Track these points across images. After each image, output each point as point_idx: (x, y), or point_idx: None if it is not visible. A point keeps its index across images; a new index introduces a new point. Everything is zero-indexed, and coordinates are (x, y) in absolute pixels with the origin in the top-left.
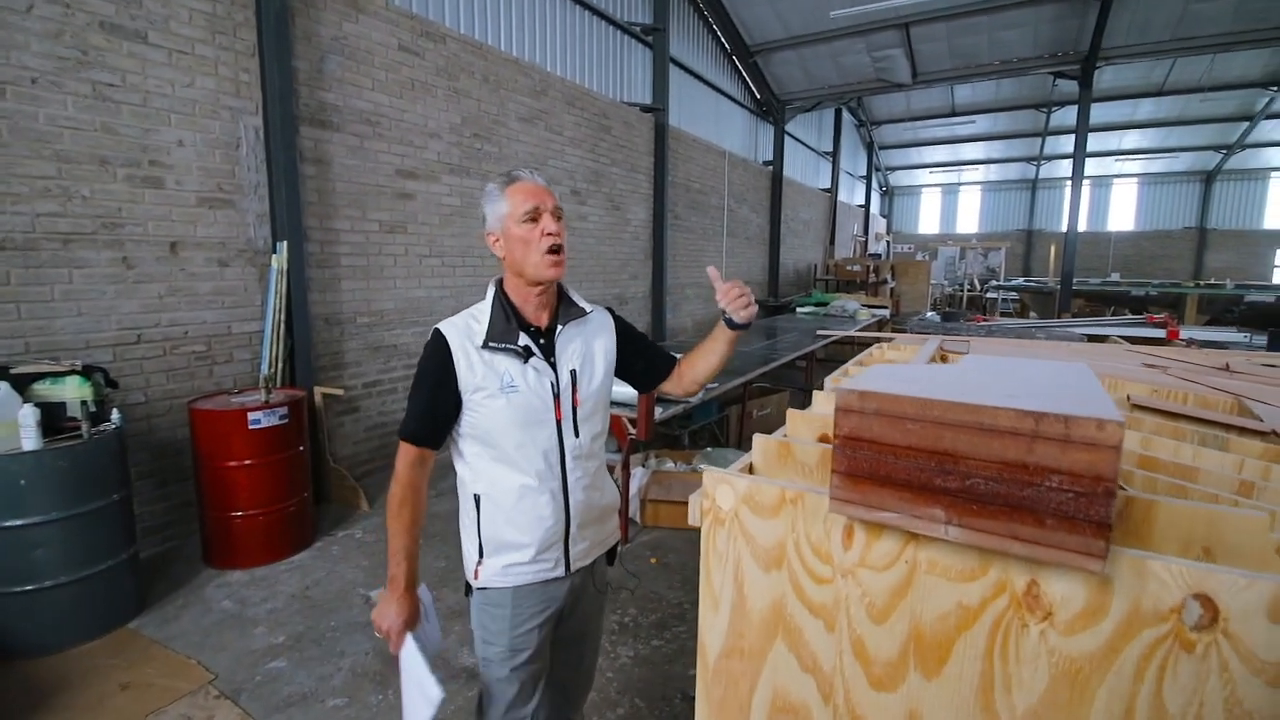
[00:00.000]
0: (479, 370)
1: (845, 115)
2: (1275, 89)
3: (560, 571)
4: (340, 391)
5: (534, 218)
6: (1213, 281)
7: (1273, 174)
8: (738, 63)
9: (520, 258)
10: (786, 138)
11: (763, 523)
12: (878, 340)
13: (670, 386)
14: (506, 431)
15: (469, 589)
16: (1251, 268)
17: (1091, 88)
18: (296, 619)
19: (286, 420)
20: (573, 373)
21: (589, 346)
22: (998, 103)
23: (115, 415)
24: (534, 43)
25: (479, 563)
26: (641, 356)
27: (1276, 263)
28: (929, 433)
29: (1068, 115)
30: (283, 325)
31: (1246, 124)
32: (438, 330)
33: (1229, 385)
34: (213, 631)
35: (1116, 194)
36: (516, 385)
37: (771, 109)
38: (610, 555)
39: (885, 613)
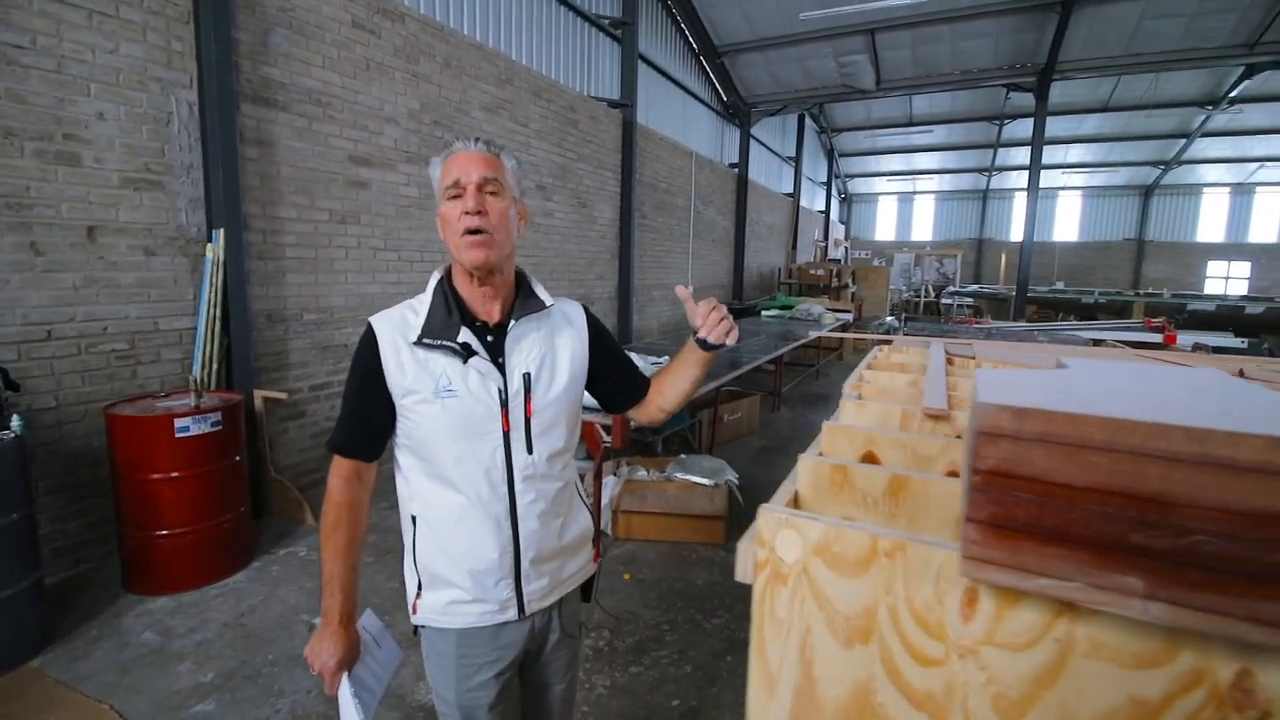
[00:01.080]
0: (410, 371)
1: (807, 122)
2: (1210, 108)
3: (512, 614)
4: (284, 395)
5: (457, 194)
6: (1150, 291)
7: (1205, 189)
8: (705, 63)
9: (447, 240)
10: (752, 141)
11: (845, 582)
12: (833, 340)
13: (636, 413)
14: (441, 443)
15: (416, 629)
16: (1185, 278)
17: (1047, 100)
18: (229, 652)
19: (220, 427)
20: (526, 376)
21: (549, 345)
22: (953, 114)
23: (15, 422)
24: (499, 28)
25: (417, 595)
26: (613, 371)
27: (1208, 274)
28: (1125, 468)
29: (1018, 128)
30: (218, 322)
31: (1183, 141)
32: (369, 324)
33: None
34: (130, 669)
35: (1061, 205)
36: (454, 389)
37: (738, 111)
38: (585, 590)
39: (1022, 707)
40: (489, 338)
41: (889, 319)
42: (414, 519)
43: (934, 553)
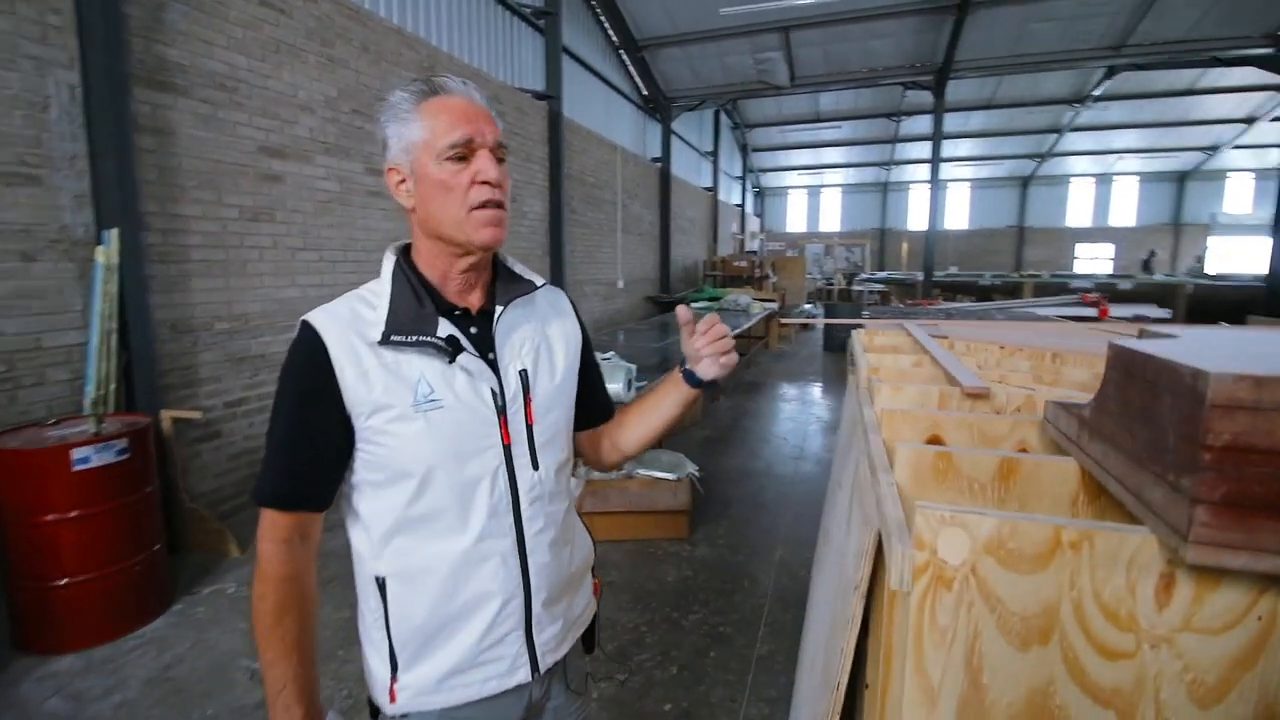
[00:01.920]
0: (377, 380)
1: (723, 117)
2: (1078, 105)
3: (523, 675)
4: (197, 414)
5: (464, 155)
6: (1032, 272)
7: (1073, 179)
8: (626, 57)
9: (438, 211)
10: (673, 136)
11: (1021, 580)
12: (759, 329)
13: (584, 444)
14: (427, 470)
15: (375, 713)
16: (1059, 260)
17: (945, 97)
18: (158, 713)
19: (127, 455)
20: (523, 374)
21: (542, 335)
22: (856, 111)
23: None
24: (419, 14)
25: (393, 678)
26: (587, 377)
27: (1078, 255)
28: None
29: (914, 124)
30: (114, 335)
31: (1055, 135)
32: (306, 323)
33: None
34: None
35: (952, 196)
36: (439, 398)
37: (659, 106)
38: (587, 639)
39: (1220, 692)
40: (472, 329)
41: (807, 306)
42: (381, 582)
43: (1125, 539)
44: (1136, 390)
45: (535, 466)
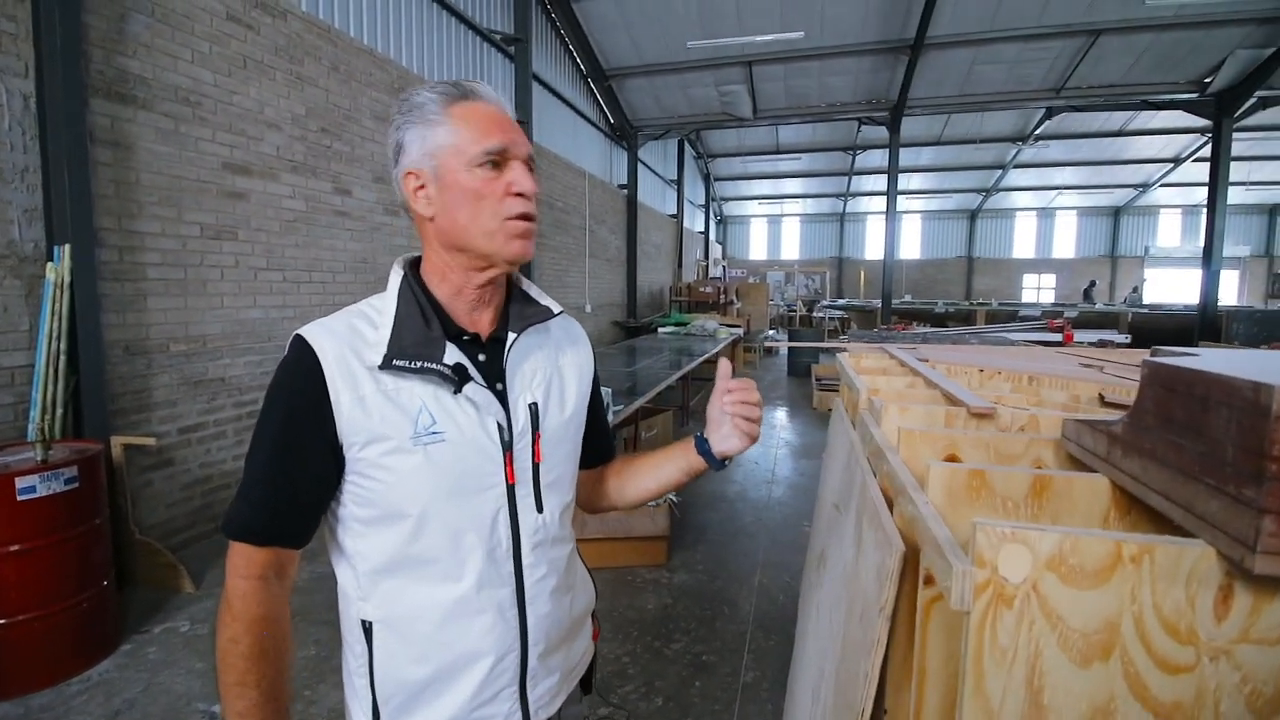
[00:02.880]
0: (375, 408)
1: (687, 147)
2: (1020, 143)
3: None
4: (151, 440)
5: (499, 163)
6: (981, 300)
7: (1018, 213)
8: (593, 86)
9: (466, 221)
10: (639, 164)
11: (1082, 596)
12: (725, 352)
13: (580, 488)
14: (423, 509)
15: None
16: (1006, 289)
17: (900, 133)
18: None
19: (77, 485)
20: (532, 407)
21: (554, 366)
22: (814, 143)
23: None
24: (389, 36)
25: None
26: (593, 416)
27: (1024, 284)
28: None
29: (868, 158)
30: (63, 357)
31: (1000, 171)
32: (300, 339)
33: None
34: None
35: (905, 227)
36: (441, 431)
37: (625, 134)
38: (585, 682)
39: (1278, 703)
40: (480, 356)
41: (771, 332)
42: (367, 626)
43: (1185, 552)
44: (1181, 405)
45: (540, 509)
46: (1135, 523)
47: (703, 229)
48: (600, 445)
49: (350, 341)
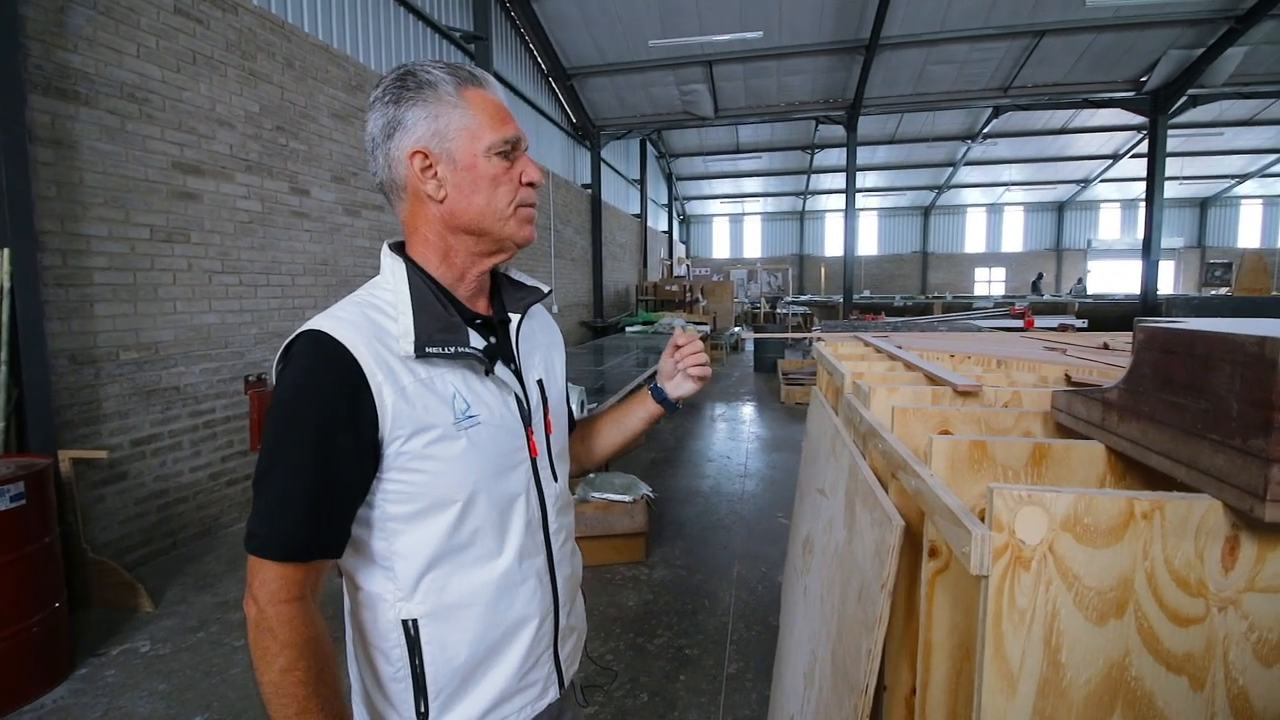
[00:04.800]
0: (416, 398)
1: (649, 147)
2: (970, 141)
3: (554, 694)
4: (101, 454)
5: (509, 152)
6: (937, 294)
7: (968, 209)
8: (555, 85)
9: (483, 204)
10: (602, 163)
11: (1097, 554)
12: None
13: None
14: (470, 494)
15: None
16: (959, 282)
17: (856, 131)
18: None
19: (23, 502)
20: (540, 384)
21: (546, 346)
22: (773, 143)
23: None
24: (346, 32)
25: None
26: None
27: (976, 278)
28: None
29: (826, 157)
30: (3, 368)
31: (951, 169)
32: (322, 335)
33: (1116, 360)
34: None
35: (862, 224)
36: (476, 414)
37: (587, 133)
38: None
39: None
40: (491, 339)
41: (736, 329)
42: (410, 626)
43: (1194, 506)
44: (1181, 367)
45: (555, 478)
46: (1131, 485)
47: (666, 228)
48: (570, 416)
49: (375, 333)
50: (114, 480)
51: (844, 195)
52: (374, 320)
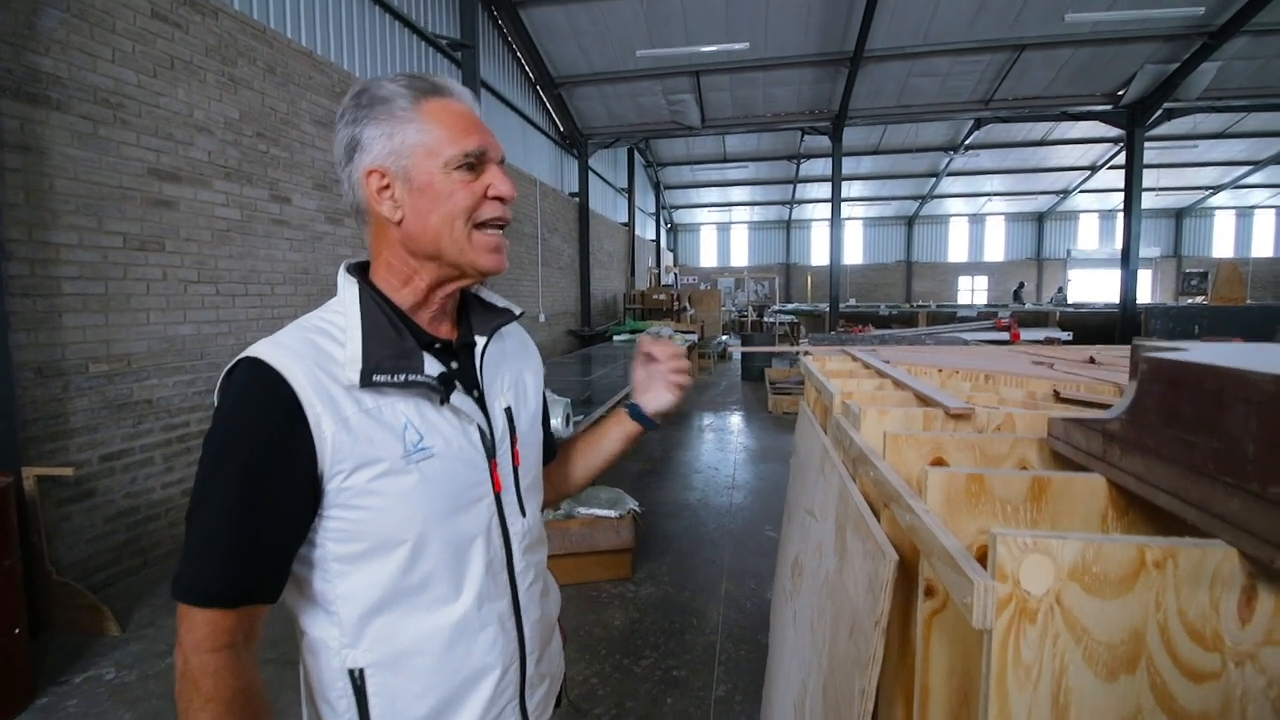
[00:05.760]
0: (360, 430)
1: (637, 156)
2: (953, 152)
3: None
4: (68, 471)
5: (474, 165)
6: (921, 303)
7: (951, 219)
8: (542, 93)
9: (439, 225)
10: (590, 172)
11: (1107, 605)
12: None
13: None
14: (421, 533)
15: None
16: (943, 291)
17: (842, 142)
18: None
19: None
20: (508, 411)
21: (517, 367)
22: (760, 153)
23: None
24: (330, 38)
25: None
26: (543, 421)
27: (959, 287)
28: None
29: (812, 167)
30: None
31: (934, 179)
32: (258, 363)
33: (1104, 375)
34: None
35: (847, 233)
36: (430, 446)
37: (575, 142)
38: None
39: None
40: (453, 364)
41: (724, 337)
42: (357, 675)
43: (1208, 554)
44: (1190, 402)
45: (524, 512)
46: (1134, 522)
47: (654, 237)
48: (550, 444)
49: (318, 360)
50: (81, 497)
51: (830, 205)
52: (319, 346)
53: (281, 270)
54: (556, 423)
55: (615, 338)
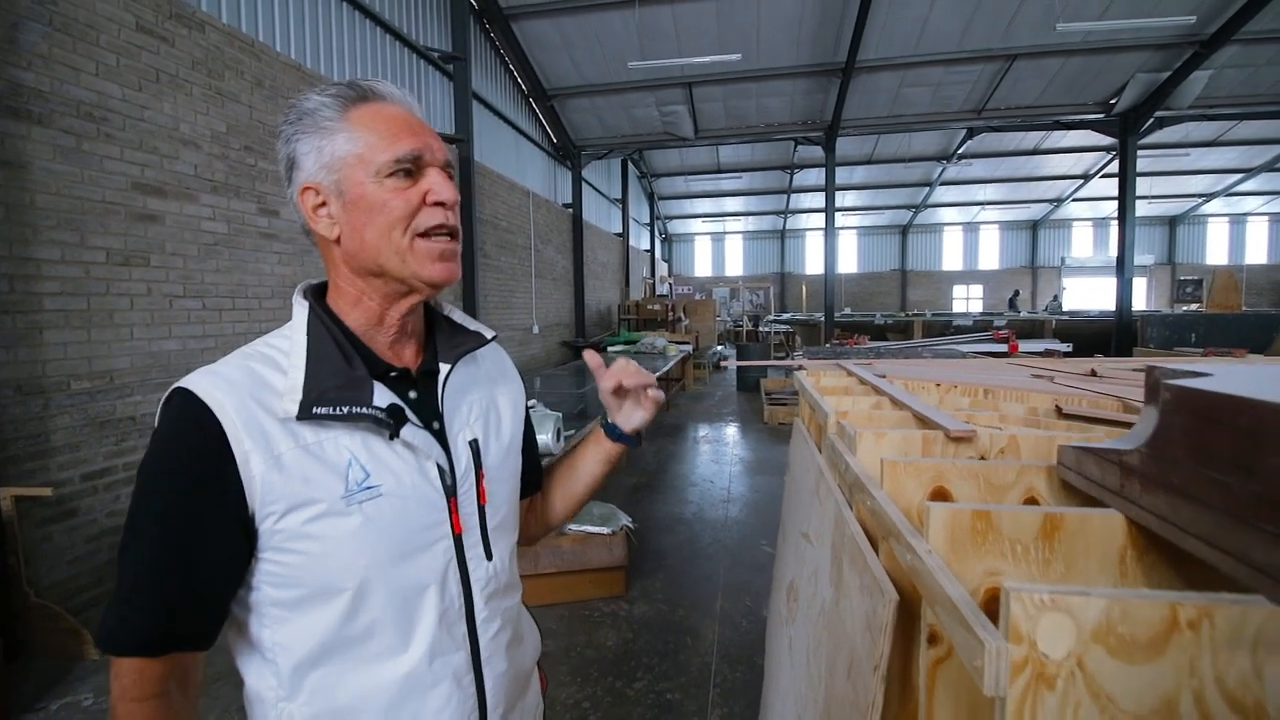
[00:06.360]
0: (294, 468)
1: (630, 166)
2: (946, 162)
3: None
4: (47, 491)
5: (412, 171)
6: (916, 312)
7: (945, 228)
8: (535, 105)
9: (377, 239)
10: (584, 183)
11: (1134, 671)
12: (676, 371)
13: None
14: (362, 580)
15: None
16: (938, 300)
17: (835, 152)
18: None
19: None
20: (473, 444)
21: (490, 396)
22: (753, 163)
23: None
24: (320, 51)
25: None
26: (526, 446)
27: (954, 295)
28: None
29: (805, 177)
30: None
31: (927, 188)
32: (186, 394)
33: (1106, 389)
34: None
35: (841, 242)
36: (377, 484)
37: (569, 153)
38: None
39: None
40: (411, 394)
41: (719, 348)
42: None
43: (1249, 613)
44: (1224, 439)
45: (489, 556)
46: (1155, 564)
47: (648, 247)
48: (533, 477)
49: (252, 390)
50: (62, 517)
51: (824, 214)
52: (258, 375)
53: (270, 284)
54: (547, 438)
55: (609, 348)
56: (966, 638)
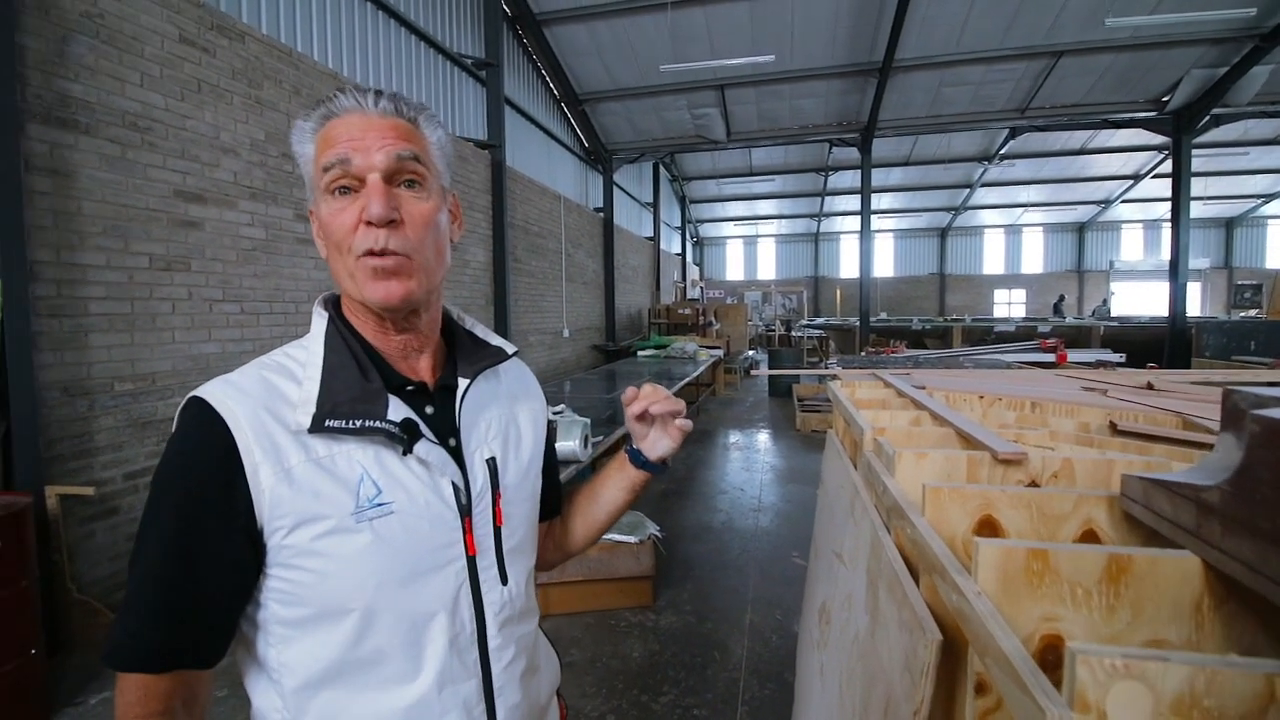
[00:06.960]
0: (305, 482)
1: (662, 170)
2: (987, 162)
3: None
4: (89, 490)
5: (350, 186)
6: (955, 317)
7: (986, 230)
8: (567, 110)
9: (333, 264)
10: (615, 187)
11: None
12: (706, 376)
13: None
14: (371, 601)
15: None
16: (978, 304)
17: (871, 154)
18: None
19: None
20: (490, 463)
21: (510, 413)
22: (786, 165)
23: None
24: (356, 60)
25: None
26: (547, 467)
27: (995, 300)
28: None
29: (840, 179)
30: None
31: (968, 190)
32: (200, 403)
33: (1164, 403)
34: None
35: (877, 245)
36: (388, 501)
37: (600, 157)
38: None
39: None
40: (428, 409)
41: (750, 352)
42: None
43: None
44: None
45: (504, 580)
46: (1234, 615)
47: (679, 251)
48: (553, 500)
49: (267, 401)
50: (105, 515)
51: (859, 217)
52: (274, 386)
53: (306, 289)
54: (574, 445)
55: (639, 353)
56: (1023, 700)
